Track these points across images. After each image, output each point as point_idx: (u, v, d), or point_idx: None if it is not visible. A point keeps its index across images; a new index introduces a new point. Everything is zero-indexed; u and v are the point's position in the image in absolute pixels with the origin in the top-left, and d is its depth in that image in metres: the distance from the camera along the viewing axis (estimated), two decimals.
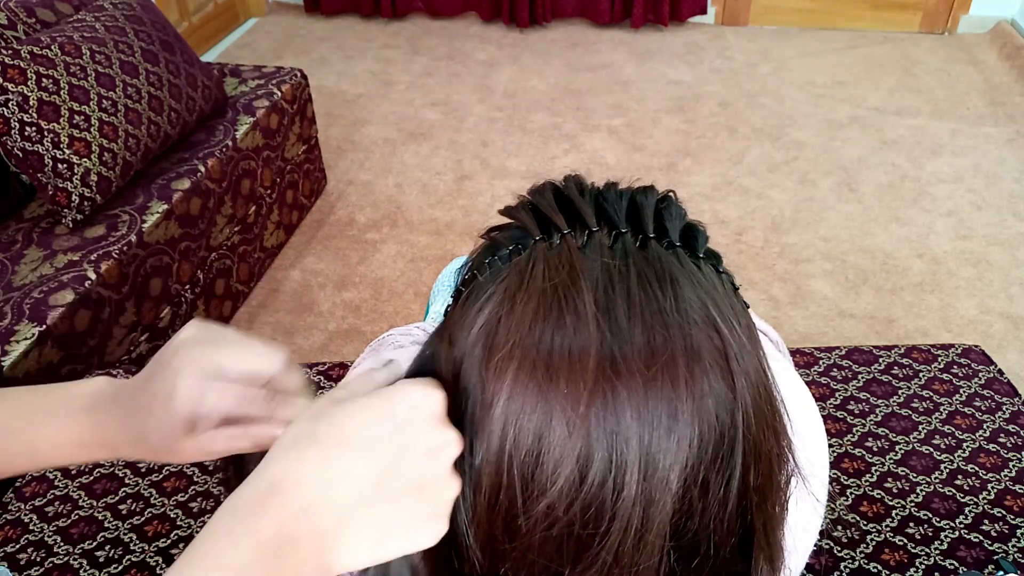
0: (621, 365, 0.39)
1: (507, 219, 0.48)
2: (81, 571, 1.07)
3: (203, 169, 1.93)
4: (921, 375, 1.31)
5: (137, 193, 1.82)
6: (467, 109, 3.16)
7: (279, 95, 2.25)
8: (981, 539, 1.07)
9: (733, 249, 2.35)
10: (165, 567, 1.08)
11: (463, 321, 0.44)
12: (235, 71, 2.37)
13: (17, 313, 1.48)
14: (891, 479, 1.15)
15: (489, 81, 3.38)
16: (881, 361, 1.34)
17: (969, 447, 1.19)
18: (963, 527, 1.08)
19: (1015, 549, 1.05)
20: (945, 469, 1.16)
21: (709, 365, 0.40)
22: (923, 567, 1.04)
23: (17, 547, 1.10)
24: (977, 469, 1.16)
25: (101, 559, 1.08)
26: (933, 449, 1.19)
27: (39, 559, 1.08)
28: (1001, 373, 1.31)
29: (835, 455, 1.19)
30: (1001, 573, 1.00)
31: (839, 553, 1.06)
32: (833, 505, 1.12)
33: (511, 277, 0.43)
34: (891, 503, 1.12)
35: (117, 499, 1.16)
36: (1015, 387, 1.29)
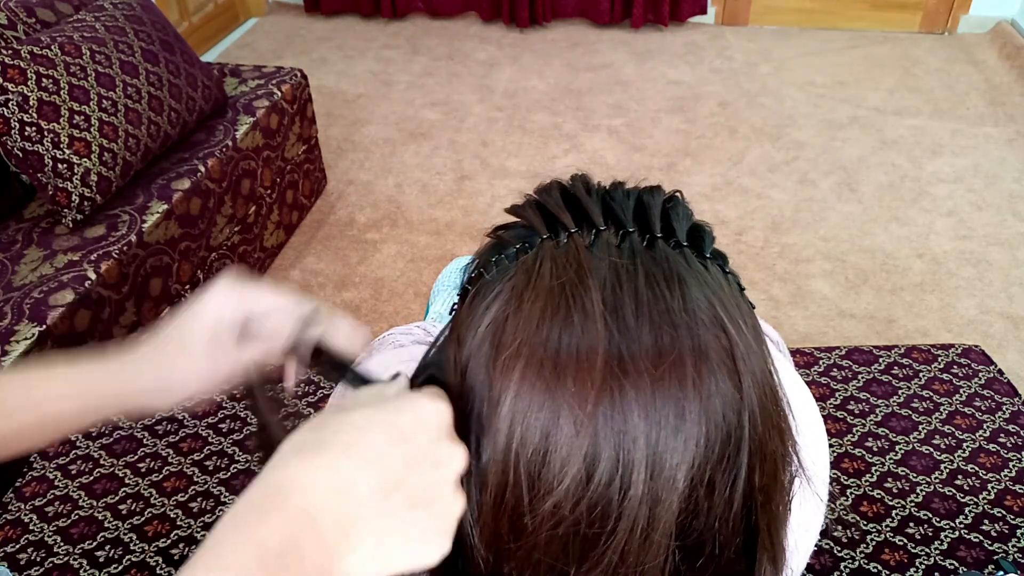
0: (629, 364, 0.39)
1: (513, 218, 0.48)
2: (81, 571, 1.07)
3: (203, 169, 1.93)
4: (921, 375, 1.31)
5: (137, 193, 1.82)
6: (467, 109, 3.16)
7: (279, 95, 2.25)
8: (981, 539, 1.07)
9: (733, 249, 2.35)
10: (165, 567, 1.08)
11: (470, 319, 0.44)
12: (235, 71, 2.37)
13: (17, 313, 1.48)
14: (891, 479, 1.15)
15: (489, 81, 3.38)
16: (881, 361, 1.34)
17: (969, 447, 1.19)
18: (963, 527, 1.08)
19: (1015, 549, 1.05)
20: (945, 469, 1.16)
21: (716, 365, 0.40)
22: (923, 567, 1.04)
23: (17, 547, 1.10)
24: (977, 469, 1.16)
25: (101, 559, 1.08)
26: (933, 449, 1.19)
27: (39, 559, 1.08)
28: (1001, 373, 1.31)
29: (835, 455, 1.19)
30: (1001, 573, 1.00)
31: (839, 553, 1.06)
32: (833, 505, 1.12)
33: (518, 276, 0.43)
34: (891, 503, 1.12)
35: (117, 499, 1.16)
36: (1015, 387, 1.29)
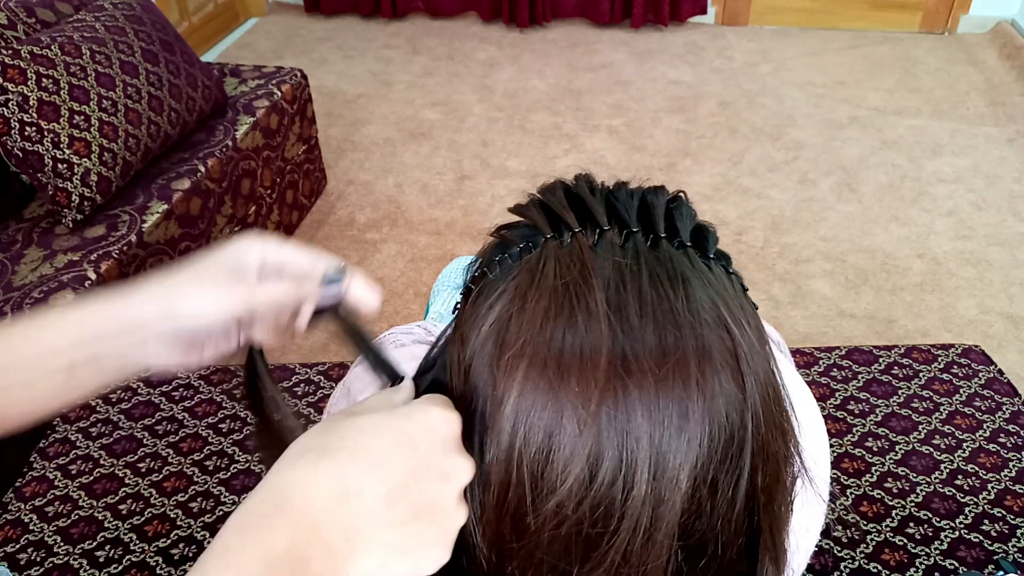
0: (632, 364, 0.39)
1: (517, 217, 0.48)
2: (81, 571, 1.07)
3: (203, 169, 1.93)
4: (921, 375, 1.31)
5: (137, 193, 1.82)
6: (467, 109, 3.16)
7: (279, 95, 2.25)
8: (981, 539, 1.07)
9: (733, 249, 2.35)
10: (165, 567, 1.08)
11: (474, 318, 0.44)
12: (235, 71, 2.37)
13: (17, 313, 1.48)
14: (891, 479, 1.15)
15: (489, 81, 3.38)
16: (881, 361, 1.34)
17: (969, 447, 1.19)
18: (963, 527, 1.08)
19: (1015, 549, 1.05)
20: (945, 469, 1.16)
21: (720, 365, 0.40)
22: (923, 567, 1.04)
23: (17, 547, 1.10)
24: (977, 469, 1.16)
25: (101, 559, 1.08)
26: (933, 449, 1.19)
27: (39, 559, 1.08)
28: (1001, 373, 1.31)
29: (835, 455, 1.19)
30: (1001, 573, 1.00)
31: (839, 553, 1.06)
32: (833, 505, 1.12)
33: (522, 275, 0.43)
34: (891, 503, 1.12)
35: (117, 499, 1.16)
36: (1015, 387, 1.29)
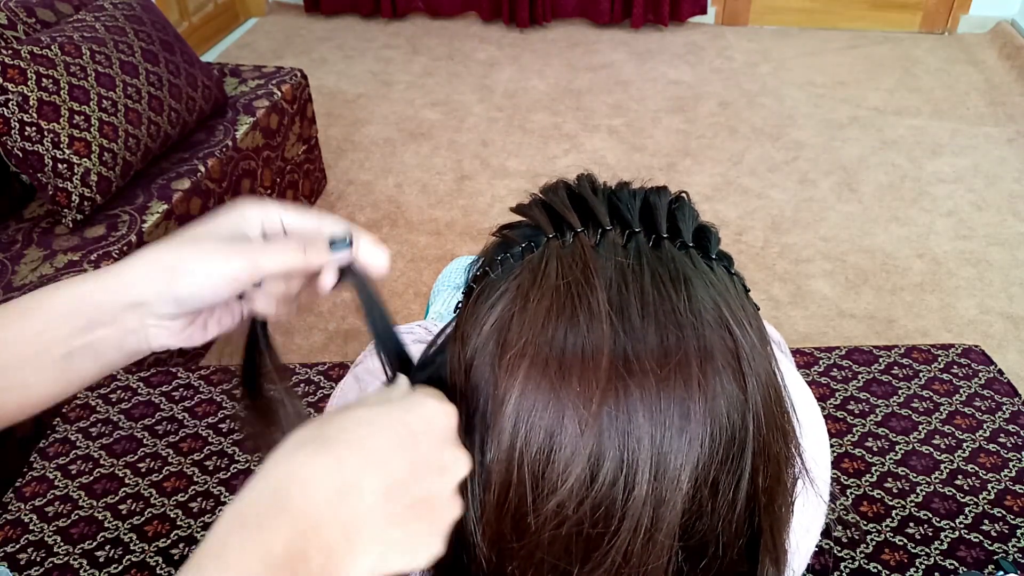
0: (634, 364, 0.39)
1: (518, 217, 0.48)
2: (81, 571, 1.07)
3: (203, 169, 1.93)
4: (921, 375, 1.31)
5: (137, 193, 1.82)
6: (467, 109, 3.16)
7: (279, 95, 2.25)
8: (981, 539, 1.07)
9: (733, 249, 2.35)
10: (165, 567, 1.08)
11: (475, 318, 0.44)
12: (235, 71, 2.37)
13: None
14: (891, 479, 1.15)
15: (489, 81, 3.38)
16: (881, 361, 1.34)
17: (969, 447, 1.19)
18: (963, 527, 1.08)
19: (1015, 549, 1.05)
20: (945, 469, 1.16)
21: (722, 366, 0.40)
22: (923, 567, 1.04)
23: (17, 547, 1.10)
24: (977, 469, 1.16)
25: (101, 559, 1.08)
26: (933, 449, 1.19)
27: (39, 559, 1.08)
28: (1001, 373, 1.31)
29: (835, 455, 1.19)
30: (1001, 573, 1.00)
31: (839, 553, 1.06)
32: (833, 505, 1.12)
33: (524, 274, 0.43)
34: (891, 503, 1.12)
35: (117, 499, 1.16)
36: (1015, 387, 1.29)
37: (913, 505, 1.11)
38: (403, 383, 0.44)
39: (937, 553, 1.05)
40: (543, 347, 0.40)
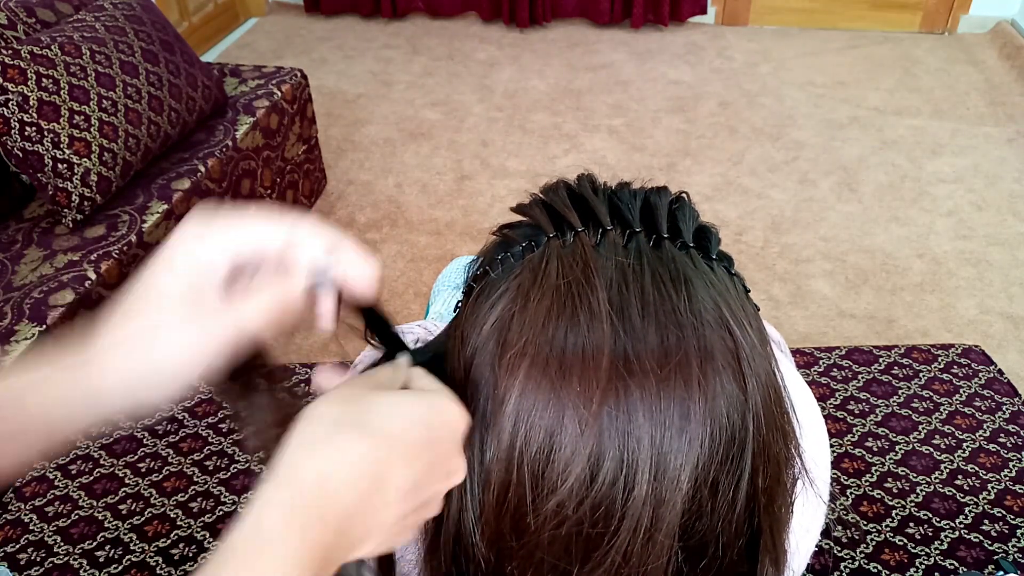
0: (634, 364, 0.39)
1: (519, 216, 0.48)
2: (81, 571, 1.07)
3: (203, 169, 1.93)
4: (921, 375, 1.31)
5: (137, 193, 1.82)
6: (467, 109, 3.16)
7: (279, 95, 2.25)
8: (981, 539, 1.07)
9: (733, 249, 2.35)
10: (165, 567, 1.07)
11: (475, 317, 0.44)
12: (235, 71, 2.37)
13: (17, 313, 1.48)
14: (891, 479, 1.15)
15: (489, 81, 3.38)
16: (881, 361, 1.34)
17: (969, 447, 1.19)
18: (963, 527, 1.08)
19: (1015, 549, 1.05)
20: (945, 469, 1.16)
21: (722, 366, 0.40)
22: (923, 567, 1.04)
23: (17, 547, 1.10)
24: (977, 469, 1.16)
25: (101, 559, 1.08)
26: (933, 449, 1.19)
27: (39, 559, 1.08)
28: (1001, 373, 1.31)
29: (835, 455, 1.19)
30: (1001, 573, 1.00)
31: (839, 553, 1.06)
32: (833, 505, 1.12)
33: (524, 274, 0.43)
34: (891, 503, 1.12)
35: (117, 499, 1.16)
36: (1015, 387, 1.29)
37: (913, 505, 1.11)
38: (404, 364, 0.44)
39: (937, 553, 1.05)
40: (543, 347, 0.40)
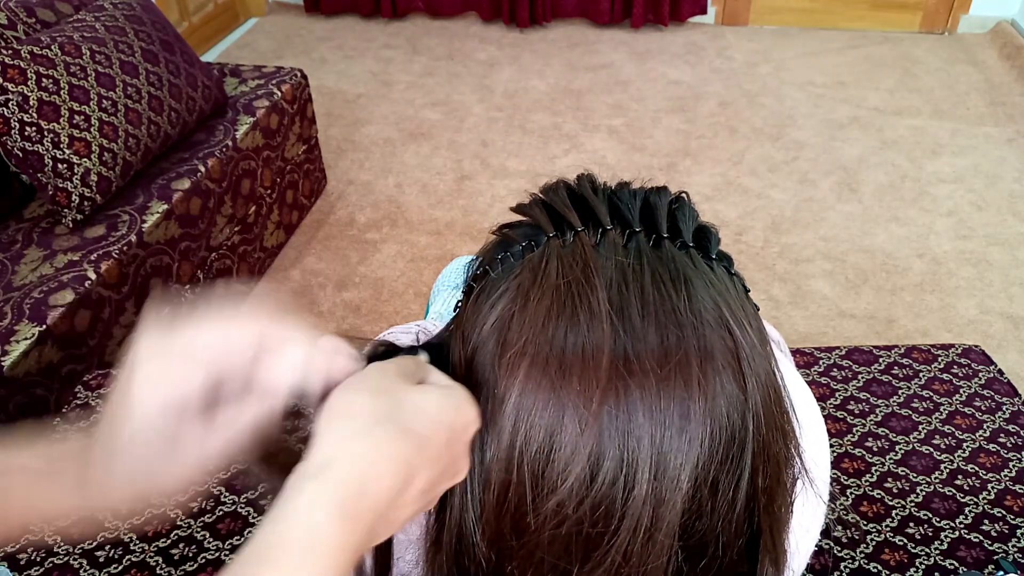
0: (634, 364, 0.39)
1: (518, 216, 0.48)
2: (81, 571, 1.07)
3: (203, 169, 1.93)
4: (921, 375, 1.31)
5: (137, 193, 1.82)
6: (467, 109, 3.16)
7: (279, 95, 2.25)
8: (981, 539, 1.07)
9: (733, 249, 2.35)
10: (165, 567, 1.07)
11: (475, 317, 0.44)
12: (235, 71, 2.37)
13: (17, 313, 1.48)
14: (891, 479, 1.15)
15: (489, 81, 3.38)
16: (881, 361, 1.34)
17: (969, 447, 1.19)
18: (963, 527, 1.08)
19: (1015, 549, 1.05)
20: (945, 469, 1.16)
21: (722, 366, 0.40)
22: (923, 567, 1.04)
23: (17, 547, 1.10)
24: (977, 469, 1.16)
25: (101, 559, 1.08)
26: (933, 449, 1.19)
27: (39, 559, 1.08)
28: (1001, 373, 1.31)
29: (835, 455, 1.19)
30: (1001, 573, 1.00)
31: (839, 553, 1.06)
32: (833, 505, 1.12)
33: (524, 274, 0.43)
34: (891, 503, 1.12)
35: None
36: (1015, 387, 1.29)
37: (913, 505, 1.11)
38: (432, 369, 0.44)
39: (937, 553, 1.05)
40: (543, 346, 0.40)
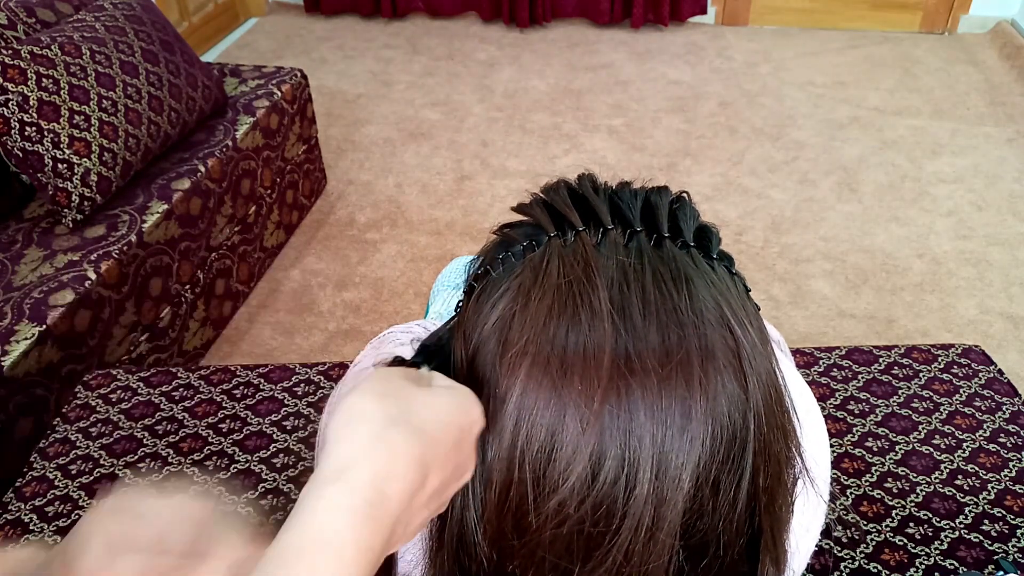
0: (636, 363, 0.39)
1: (519, 216, 0.48)
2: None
3: (203, 169, 1.93)
4: (921, 375, 1.31)
5: (137, 193, 1.82)
6: (467, 109, 3.16)
7: (279, 95, 2.25)
8: (981, 539, 1.07)
9: (733, 249, 2.35)
10: None
11: (476, 316, 0.44)
12: (235, 71, 2.37)
13: (17, 313, 1.48)
14: (891, 479, 1.15)
15: (489, 81, 3.38)
16: (881, 361, 1.34)
17: (969, 447, 1.19)
18: (963, 527, 1.08)
19: (1015, 549, 1.05)
20: (945, 469, 1.16)
21: (723, 365, 0.40)
22: (923, 567, 1.04)
23: (17, 547, 1.10)
24: (977, 469, 1.16)
25: None
26: (933, 449, 1.19)
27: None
28: (1001, 373, 1.31)
29: (835, 455, 1.19)
30: (1001, 573, 1.00)
31: (839, 553, 1.06)
32: (833, 505, 1.12)
33: (525, 273, 0.43)
34: (891, 503, 1.12)
35: None
36: (1015, 387, 1.29)
37: (913, 505, 1.11)
38: (438, 375, 0.44)
39: (937, 553, 1.05)
40: (544, 346, 0.40)
